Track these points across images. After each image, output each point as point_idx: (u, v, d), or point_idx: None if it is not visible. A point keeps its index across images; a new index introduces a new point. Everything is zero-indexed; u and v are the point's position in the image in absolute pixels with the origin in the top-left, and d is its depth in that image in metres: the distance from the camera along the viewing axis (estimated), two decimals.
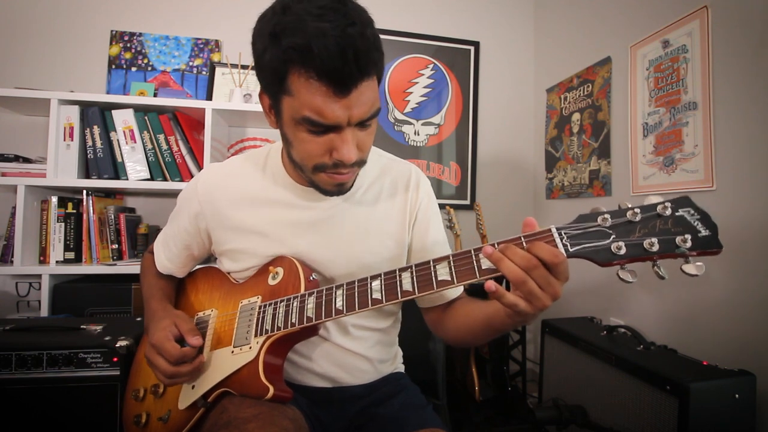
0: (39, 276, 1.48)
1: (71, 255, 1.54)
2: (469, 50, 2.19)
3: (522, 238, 0.52)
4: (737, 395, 1.02)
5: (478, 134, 2.20)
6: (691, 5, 1.35)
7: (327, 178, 0.65)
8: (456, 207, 1.97)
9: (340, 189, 0.68)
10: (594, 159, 1.80)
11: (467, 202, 2.16)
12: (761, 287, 1.14)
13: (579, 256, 0.49)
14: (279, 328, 0.65)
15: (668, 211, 0.47)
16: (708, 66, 1.29)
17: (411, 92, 2.13)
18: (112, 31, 1.83)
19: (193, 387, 0.69)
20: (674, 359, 1.16)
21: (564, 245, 0.50)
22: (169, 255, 0.84)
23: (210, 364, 0.69)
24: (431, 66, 2.15)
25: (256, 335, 0.67)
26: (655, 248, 0.46)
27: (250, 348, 0.66)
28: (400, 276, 0.58)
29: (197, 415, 0.67)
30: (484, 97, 2.21)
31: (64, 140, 1.50)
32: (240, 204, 0.75)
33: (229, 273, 0.81)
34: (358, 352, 0.78)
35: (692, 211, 0.47)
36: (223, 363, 0.68)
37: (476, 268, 0.54)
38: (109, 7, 1.83)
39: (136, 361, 0.85)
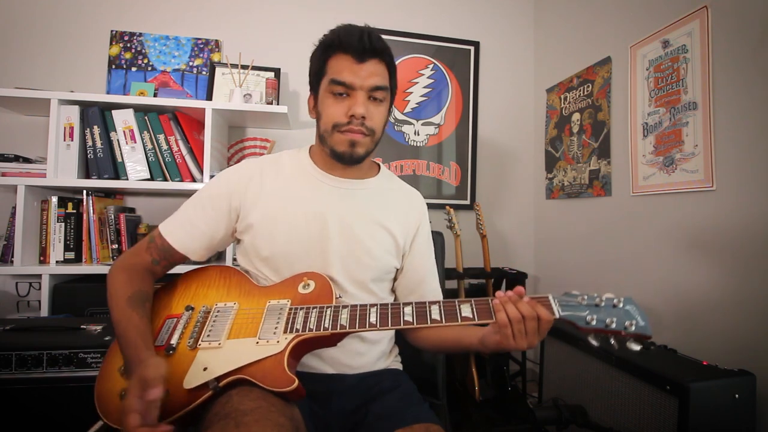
0: (39, 276, 1.48)
1: (71, 255, 1.54)
2: (469, 50, 2.19)
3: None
4: (737, 395, 1.02)
5: (478, 134, 2.20)
6: (691, 5, 1.35)
7: (342, 136, 0.80)
8: (456, 207, 1.97)
9: (352, 151, 0.81)
10: (594, 159, 1.80)
11: (467, 202, 2.16)
12: (761, 287, 1.14)
13: (565, 319, 0.68)
14: (311, 330, 0.70)
15: (621, 305, 0.68)
16: (708, 66, 1.29)
17: (411, 92, 2.13)
18: (112, 31, 1.83)
19: (205, 369, 0.68)
20: (674, 359, 1.16)
21: (557, 309, 0.68)
22: (192, 232, 0.84)
23: (228, 351, 0.70)
24: (431, 66, 2.15)
25: (285, 332, 0.70)
26: (613, 325, 0.66)
27: (278, 342, 0.69)
28: (429, 307, 0.70)
29: (203, 398, 0.66)
30: (484, 97, 2.21)
31: (64, 140, 1.50)
32: (272, 184, 0.85)
33: (248, 271, 0.86)
34: (359, 334, 0.83)
35: (634, 308, 0.68)
36: (244, 351, 0.69)
37: (492, 311, 0.69)
38: (109, 7, 1.83)
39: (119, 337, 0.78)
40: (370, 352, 0.86)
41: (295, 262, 0.82)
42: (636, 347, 0.65)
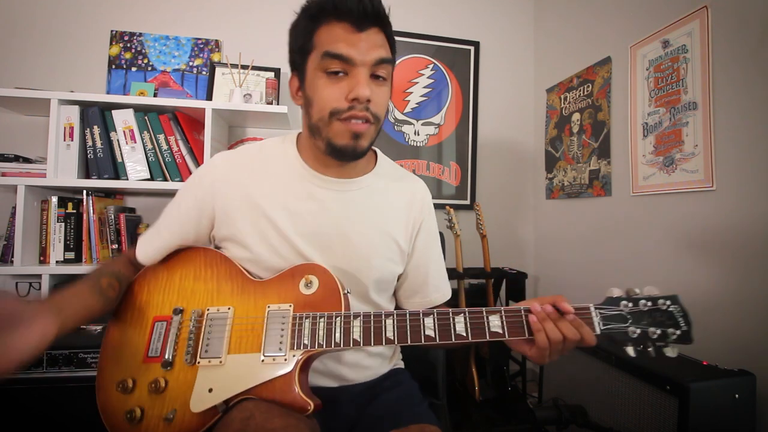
0: (39, 276, 1.48)
1: (71, 255, 1.54)
2: (469, 50, 2.19)
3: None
4: (737, 395, 1.02)
5: (478, 134, 2.20)
6: (691, 5, 1.35)
7: (342, 126, 0.67)
8: (456, 207, 1.97)
9: (355, 145, 0.69)
10: (594, 159, 1.80)
11: (467, 202, 2.16)
12: (761, 287, 1.14)
13: (606, 334, 0.63)
14: (321, 345, 0.63)
15: (665, 306, 0.64)
16: (708, 66, 1.29)
17: (411, 92, 2.13)
18: (112, 31, 1.83)
19: (210, 390, 0.64)
20: (674, 359, 1.15)
21: (598, 322, 0.63)
22: (160, 243, 0.77)
23: (232, 369, 0.65)
24: (431, 66, 2.15)
25: (292, 348, 0.64)
26: (656, 336, 0.63)
27: (285, 360, 0.63)
28: (453, 319, 0.64)
29: (214, 420, 0.62)
30: (484, 97, 2.21)
31: (64, 140, 1.50)
32: (255, 187, 0.75)
33: (242, 266, 0.76)
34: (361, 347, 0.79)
35: (679, 309, 0.63)
36: (250, 370, 0.64)
37: (525, 327, 0.63)
38: (109, 7, 1.83)
39: (111, 347, 0.73)
40: (374, 363, 0.82)
41: None
42: (673, 354, 0.62)
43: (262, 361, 0.64)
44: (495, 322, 0.63)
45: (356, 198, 0.77)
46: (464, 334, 0.63)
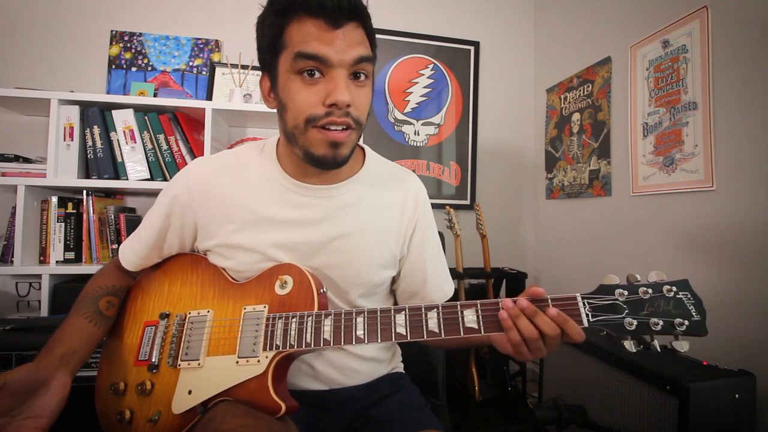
0: (39, 276, 1.48)
1: (71, 255, 1.54)
2: (469, 50, 2.19)
3: (549, 301, 0.57)
4: (737, 395, 1.02)
5: (478, 134, 2.20)
6: (691, 5, 1.35)
7: (320, 135, 0.63)
8: (456, 207, 1.97)
9: (334, 154, 0.64)
10: (594, 159, 1.80)
11: (467, 202, 2.16)
12: (761, 287, 1.14)
13: (597, 326, 0.56)
14: (292, 346, 0.62)
15: (671, 294, 0.55)
16: (708, 66, 1.29)
17: (411, 92, 2.13)
18: (112, 31, 1.83)
19: (190, 392, 0.65)
20: (674, 359, 1.16)
21: (586, 314, 0.56)
22: (139, 249, 0.78)
23: (209, 371, 0.66)
24: (431, 66, 2.15)
25: (264, 349, 0.64)
26: (658, 328, 0.54)
27: (259, 362, 0.63)
28: (426, 315, 0.60)
29: (194, 422, 0.63)
30: (484, 97, 2.21)
31: (64, 140, 1.50)
32: (234, 197, 0.73)
33: (224, 269, 0.76)
34: (355, 352, 0.78)
35: (689, 296, 0.56)
36: (226, 372, 0.65)
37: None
38: (109, 7, 1.83)
39: (108, 351, 0.77)
40: (368, 367, 0.80)
41: None
42: (684, 347, 0.54)
43: (237, 363, 0.64)
44: (470, 317, 0.59)
45: (341, 204, 0.73)
46: (437, 331, 0.59)
